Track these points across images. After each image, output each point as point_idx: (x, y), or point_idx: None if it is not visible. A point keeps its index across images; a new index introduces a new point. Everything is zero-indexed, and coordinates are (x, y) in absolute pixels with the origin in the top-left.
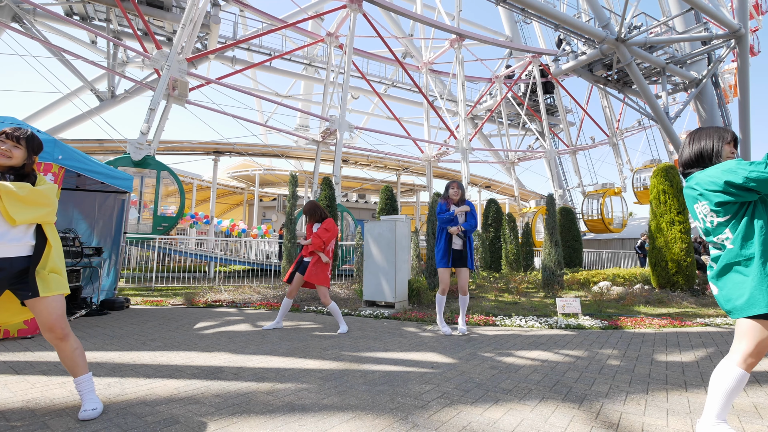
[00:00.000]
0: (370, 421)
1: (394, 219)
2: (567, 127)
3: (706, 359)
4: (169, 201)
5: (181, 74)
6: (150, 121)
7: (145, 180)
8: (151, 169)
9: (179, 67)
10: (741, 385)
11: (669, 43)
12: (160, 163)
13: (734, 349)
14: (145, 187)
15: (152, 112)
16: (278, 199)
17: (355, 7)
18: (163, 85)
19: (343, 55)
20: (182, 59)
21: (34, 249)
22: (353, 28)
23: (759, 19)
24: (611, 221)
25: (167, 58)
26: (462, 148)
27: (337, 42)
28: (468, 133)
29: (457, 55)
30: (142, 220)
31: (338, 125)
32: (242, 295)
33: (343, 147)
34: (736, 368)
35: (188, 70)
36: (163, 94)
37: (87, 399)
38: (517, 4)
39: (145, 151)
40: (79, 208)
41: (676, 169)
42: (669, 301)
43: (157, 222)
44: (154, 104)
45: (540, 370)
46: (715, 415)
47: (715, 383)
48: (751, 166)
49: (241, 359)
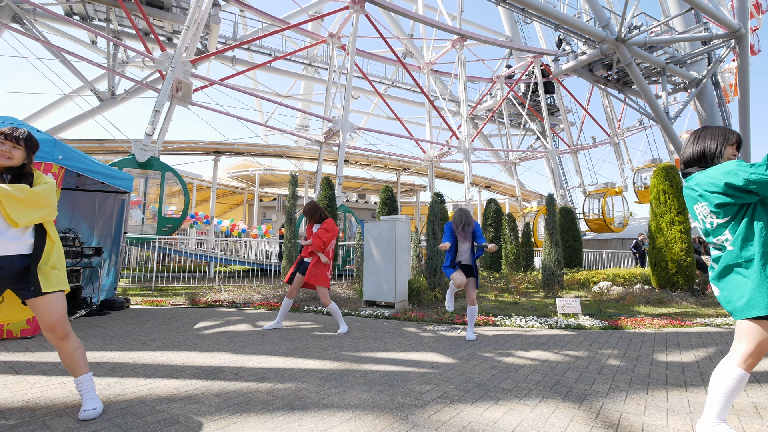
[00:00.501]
0: (370, 421)
1: (394, 219)
2: (568, 127)
3: (706, 359)
4: (171, 201)
5: (185, 76)
6: (155, 123)
7: (149, 181)
8: (155, 171)
9: (183, 68)
10: (741, 386)
11: (669, 43)
12: (164, 165)
13: (734, 350)
14: (149, 188)
15: (157, 114)
16: (278, 199)
17: (358, 8)
18: (168, 86)
19: (345, 56)
20: (186, 61)
21: (35, 246)
22: (356, 28)
23: (759, 18)
24: (612, 221)
25: (171, 60)
26: (464, 148)
27: (339, 43)
28: (470, 133)
29: (459, 56)
30: (146, 221)
31: (341, 126)
32: (242, 295)
33: (336, 146)
34: (736, 368)
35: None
36: (167, 96)
37: (87, 399)
38: (517, 4)
39: (150, 153)
40: (79, 208)
41: (676, 169)
42: (669, 301)
43: (161, 223)
44: (158, 106)
45: (540, 370)
46: (715, 415)
47: (715, 383)
48: (751, 168)
49: (241, 359)
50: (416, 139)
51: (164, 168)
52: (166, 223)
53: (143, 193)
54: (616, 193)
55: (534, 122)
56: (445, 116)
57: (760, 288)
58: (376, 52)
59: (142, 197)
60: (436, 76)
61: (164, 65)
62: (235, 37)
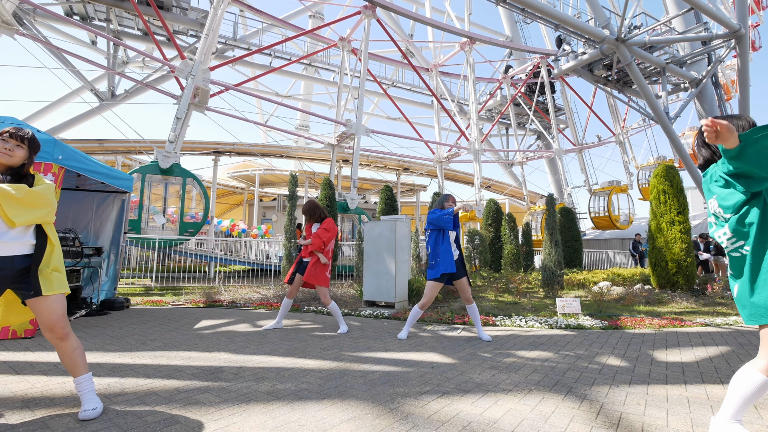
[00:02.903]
0: (370, 421)
1: (394, 219)
2: (573, 126)
3: (706, 359)
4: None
5: (204, 83)
6: (177, 130)
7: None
8: (176, 177)
9: (203, 76)
10: (762, 392)
11: (669, 43)
12: (186, 171)
13: (760, 355)
14: (168, 194)
15: (179, 121)
16: (278, 199)
17: (369, 14)
18: (188, 94)
19: (357, 61)
20: (206, 69)
21: (36, 248)
22: (368, 33)
23: (760, 14)
24: (618, 218)
25: (192, 68)
26: (474, 149)
27: (350, 46)
28: (481, 133)
29: (468, 58)
30: (166, 226)
31: (355, 129)
32: (242, 295)
33: (348, 149)
34: (758, 375)
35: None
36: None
37: (87, 399)
38: (517, 4)
39: (173, 159)
40: (79, 207)
41: (676, 169)
42: (669, 301)
43: (183, 228)
44: (180, 113)
45: (540, 370)
46: (730, 416)
47: (735, 386)
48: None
49: (241, 359)
50: (426, 140)
51: (185, 174)
52: (188, 228)
53: (164, 198)
54: (622, 191)
55: (540, 121)
56: (455, 118)
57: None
58: (379, 53)
59: (163, 202)
60: (443, 77)
61: (184, 73)
62: (235, 37)
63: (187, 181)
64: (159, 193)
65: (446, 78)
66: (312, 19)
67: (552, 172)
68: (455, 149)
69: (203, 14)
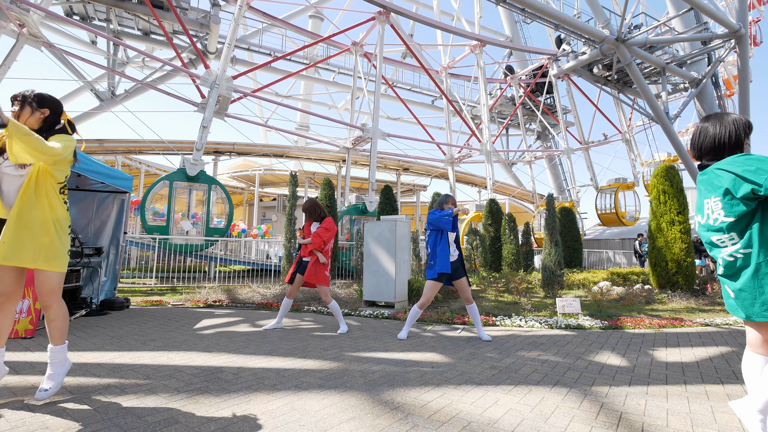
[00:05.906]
0: (370, 421)
1: (394, 219)
2: (579, 125)
3: (706, 359)
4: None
5: (228, 92)
6: (203, 138)
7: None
8: (201, 183)
9: (227, 85)
10: None
11: (669, 43)
12: (211, 178)
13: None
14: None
15: (204, 130)
16: (278, 199)
17: (383, 19)
18: (213, 103)
19: (371, 66)
20: (229, 77)
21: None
22: (382, 38)
23: (761, 9)
24: (624, 214)
25: (216, 78)
26: (486, 150)
27: (362, 51)
28: (492, 134)
29: (479, 61)
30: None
31: (372, 133)
32: (242, 295)
33: (354, 150)
34: None
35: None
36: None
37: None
38: (517, 4)
39: (200, 167)
40: (79, 208)
41: (676, 169)
42: (669, 301)
43: (209, 233)
44: (206, 122)
45: (540, 370)
46: (758, 409)
47: (765, 385)
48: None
49: (241, 359)
50: (438, 142)
51: (211, 181)
52: (214, 233)
53: (188, 204)
54: (628, 188)
55: (544, 122)
56: (466, 119)
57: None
58: (387, 56)
59: (186, 208)
60: (452, 79)
61: (208, 82)
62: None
63: (212, 188)
64: (183, 199)
65: (453, 79)
66: (312, 19)
67: (551, 171)
68: (465, 150)
69: (203, 14)
